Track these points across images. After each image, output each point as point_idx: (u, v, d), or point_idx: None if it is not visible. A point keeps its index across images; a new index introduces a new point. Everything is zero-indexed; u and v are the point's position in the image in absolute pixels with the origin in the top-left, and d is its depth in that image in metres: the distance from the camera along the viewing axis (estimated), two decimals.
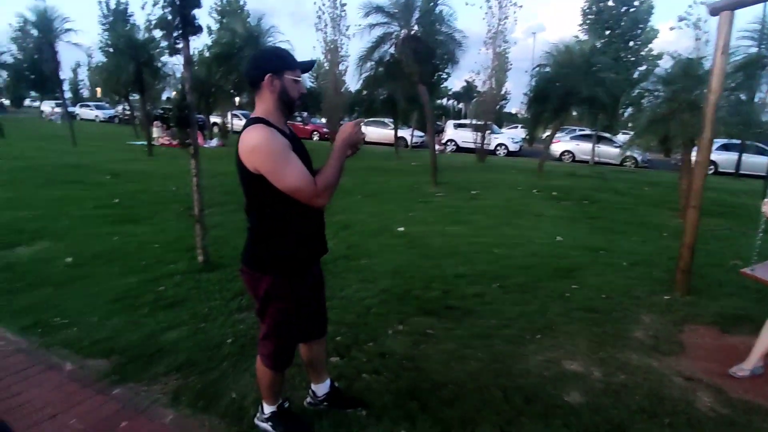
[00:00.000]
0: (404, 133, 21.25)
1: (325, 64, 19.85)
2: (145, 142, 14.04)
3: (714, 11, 3.74)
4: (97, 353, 2.67)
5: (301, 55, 1.89)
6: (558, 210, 7.97)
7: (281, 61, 1.76)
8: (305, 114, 23.66)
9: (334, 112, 19.12)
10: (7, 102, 38.25)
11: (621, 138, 20.38)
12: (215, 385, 2.43)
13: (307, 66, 1.85)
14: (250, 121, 1.74)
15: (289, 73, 1.76)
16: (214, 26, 23.69)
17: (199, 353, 2.72)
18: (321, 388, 2.29)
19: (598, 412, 2.35)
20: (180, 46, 3.45)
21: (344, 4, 17.21)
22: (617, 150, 19.10)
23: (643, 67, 25.38)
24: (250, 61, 1.81)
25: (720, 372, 2.78)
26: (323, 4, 17.24)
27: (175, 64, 14.83)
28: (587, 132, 20.25)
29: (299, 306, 1.92)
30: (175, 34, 3.35)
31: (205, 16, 25.79)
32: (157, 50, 12.62)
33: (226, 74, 13.70)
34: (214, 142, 17.24)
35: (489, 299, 3.79)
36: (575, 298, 3.88)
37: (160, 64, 13.76)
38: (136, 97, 20.91)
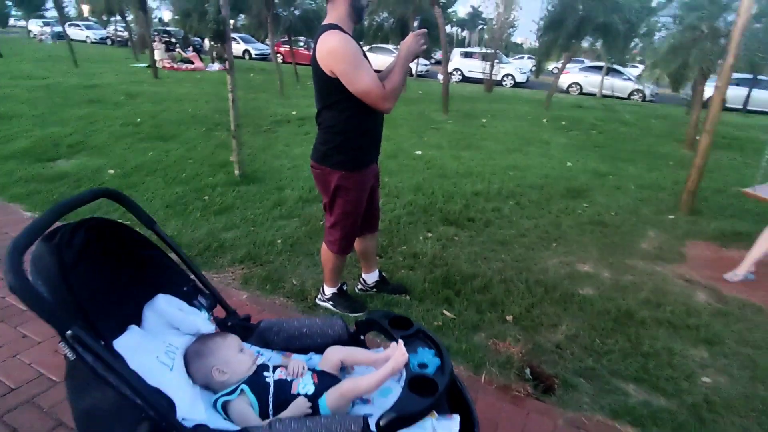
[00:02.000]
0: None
1: None
2: (146, 65, 13.70)
3: None
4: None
5: None
6: (567, 138, 8.13)
7: None
8: (304, 39, 22.76)
9: None
10: None
11: (630, 71, 19.93)
12: (277, 273, 2.78)
13: None
14: (325, 27, 1.90)
15: None
16: None
17: (256, 249, 3.05)
18: (371, 277, 2.64)
19: (609, 301, 2.72)
20: None
21: None
22: (626, 83, 18.79)
23: None
24: None
25: (717, 278, 3.14)
26: None
27: None
28: (597, 64, 19.74)
29: (362, 198, 2.19)
30: None
31: None
32: None
33: None
34: (216, 66, 16.78)
35: (506, 213, 4.09)
36: (586, 214, 4.19)
37: None
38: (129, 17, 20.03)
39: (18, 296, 0.73)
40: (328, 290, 2.47)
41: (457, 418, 1.12)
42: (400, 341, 1.15)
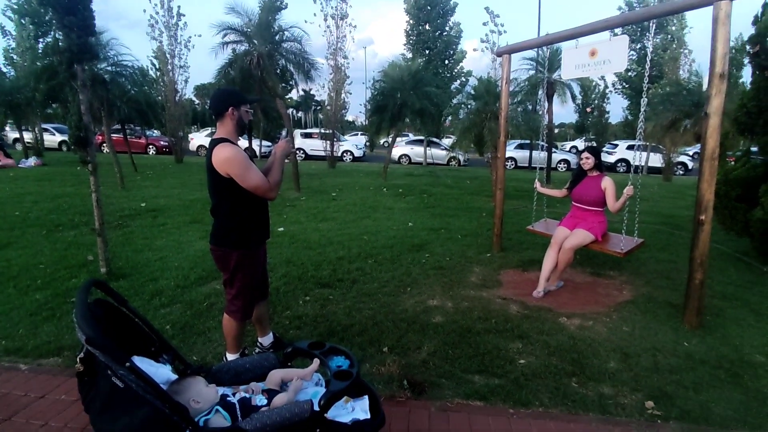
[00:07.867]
0: (254, 144, 21.41)
1: (152, 72, 19.03)
2: None
3: (499, 54, 5.45)
4: (46, 354, 2.94)
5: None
6: (404, 203, 9.55)
7: (239, 97, 2.52)
8: (138, 128, 21.86)
9: (175, 124, 18.43)
10: None
11: (446, 142, 23.89)
12: None
13: (254, 100, 2.63)
14: (218, 140, 2.45)
15: (243, 106, 2.52)
16: (10, 26, 20.63)
17: None
18: (266, 340, 3.05)
19: (454, 323, 3.58)
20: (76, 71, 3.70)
21: (182, 15, 16.63)
22: (444, 152, 22.40)
23: (458, 83, 29.92)
24: (216, 97, 2.51)
25: (523, 294, 4.29)
26: (156, 12, 16.47)
27: None
28: (419, 138, 23.23)
29: (257, 271, 2.68)
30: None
31: None
32: None
33: (46, 86, 12.04)
34: (31, 161, 15.01)
35: (368, 271, 4.84)
36: (428, 262, 5.19)
37: None
38: None
39: (94, 345, 1.10)
40: (231, 357, 2.80)
41: (366, 397, 1.70)
42: (316, 360, 1.70)
